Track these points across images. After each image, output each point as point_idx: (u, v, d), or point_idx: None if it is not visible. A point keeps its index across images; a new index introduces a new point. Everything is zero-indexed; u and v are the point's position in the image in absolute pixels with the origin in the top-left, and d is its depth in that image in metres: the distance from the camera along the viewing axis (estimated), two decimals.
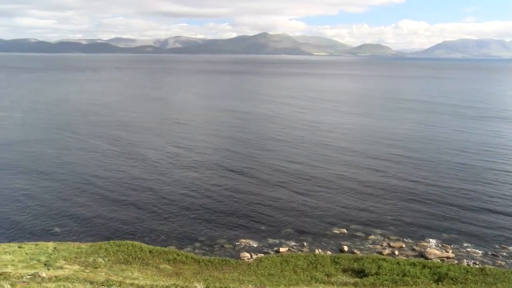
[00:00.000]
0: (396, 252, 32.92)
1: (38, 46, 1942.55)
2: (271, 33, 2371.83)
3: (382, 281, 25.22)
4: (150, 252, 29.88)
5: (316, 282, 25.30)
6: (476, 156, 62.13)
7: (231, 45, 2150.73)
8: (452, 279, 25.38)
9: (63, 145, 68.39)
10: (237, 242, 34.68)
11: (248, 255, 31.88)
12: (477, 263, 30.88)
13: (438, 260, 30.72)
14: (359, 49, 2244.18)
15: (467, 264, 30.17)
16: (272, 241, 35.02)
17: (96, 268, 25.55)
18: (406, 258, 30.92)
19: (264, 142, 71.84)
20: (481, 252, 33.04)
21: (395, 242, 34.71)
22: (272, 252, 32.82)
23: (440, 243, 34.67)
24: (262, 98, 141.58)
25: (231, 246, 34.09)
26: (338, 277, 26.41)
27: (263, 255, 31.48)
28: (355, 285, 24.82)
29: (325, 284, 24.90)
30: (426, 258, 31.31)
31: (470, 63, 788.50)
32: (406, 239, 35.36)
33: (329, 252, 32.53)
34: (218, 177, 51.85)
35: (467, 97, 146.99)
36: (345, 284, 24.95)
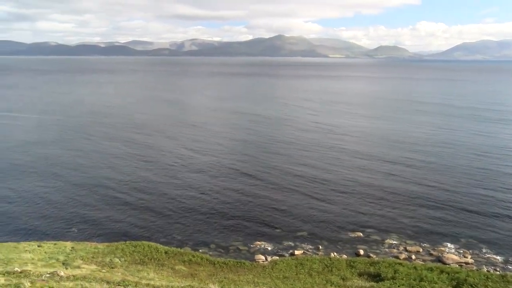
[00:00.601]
0: (413, 257, 32.42)
1: (58, 49, 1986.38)
2: (287, 35, 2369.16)
3: (399, 286, 24.89)
4: (166, 253, 30.13)
5: (332, 286, 25.12)
6: (496, 161, 60.83)
7: (247, 48, 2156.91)
8: (472, 286, 24.81)
9: (79, 147, 69.52)
10: (252, 245, 34.69)
11: (263, 258, 31.83)
12: (498, 270, 30.16)
13: (457, 266, 30.09)
14: (376, 51, 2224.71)
15: (487, 271, 29.46)
16: (287, 244, 34.91)
17: (113, 268, 25.88)
18: (423, 263, 30.41)
19: (279, 145, 71.73)
20: (501, 259, 32.26)
21: (412, 247, 34.20)
22: (287, 255, 32.69)
23: (458, 248, 34.00)
24: (277, 101, 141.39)
25: (246, 248, 34.10)
26: (354, 281, 26.16)
27: (278, 258, 31.40)
28: None
29: None
30: (444, 263, 30.77)
31: (491, 65, 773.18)
32: (423, 244, 34.80)
33: (345, 256, 32.25)
34: (233, 180, 51.95)
35: (486, 100, 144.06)
36: None
